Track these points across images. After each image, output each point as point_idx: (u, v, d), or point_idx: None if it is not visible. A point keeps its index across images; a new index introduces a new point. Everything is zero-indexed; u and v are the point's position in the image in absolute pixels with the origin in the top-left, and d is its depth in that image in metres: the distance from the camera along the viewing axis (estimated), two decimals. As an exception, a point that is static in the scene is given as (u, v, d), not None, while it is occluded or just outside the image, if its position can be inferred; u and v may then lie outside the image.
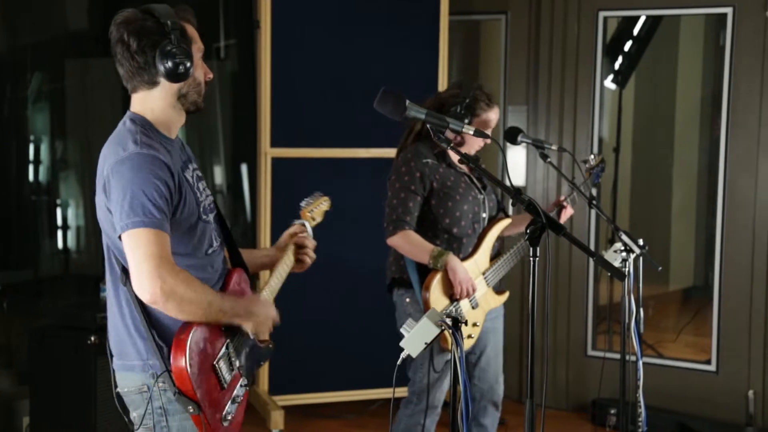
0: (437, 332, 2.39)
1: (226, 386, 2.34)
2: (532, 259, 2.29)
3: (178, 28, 2.29)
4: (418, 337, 2.39)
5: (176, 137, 2.44)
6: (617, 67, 5.99)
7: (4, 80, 5.05)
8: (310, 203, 2.81)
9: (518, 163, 5.40)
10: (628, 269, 3.40)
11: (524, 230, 2.34)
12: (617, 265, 3.38)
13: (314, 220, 2.78)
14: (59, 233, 5.40)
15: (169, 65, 2.27)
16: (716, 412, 4.96)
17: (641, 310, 3.44)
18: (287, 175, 4.87)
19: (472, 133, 2.47)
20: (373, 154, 4.97)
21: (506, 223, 3.67)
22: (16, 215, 5.18)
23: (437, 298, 3.46)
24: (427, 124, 2.45)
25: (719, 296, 5.00)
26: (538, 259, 2.32)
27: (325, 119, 4.94)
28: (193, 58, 2.31)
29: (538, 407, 2.29)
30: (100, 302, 4.04)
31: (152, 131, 2.33)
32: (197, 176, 2.42)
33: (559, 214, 3.70)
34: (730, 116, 4.93)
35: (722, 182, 4.97)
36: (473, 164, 2.44)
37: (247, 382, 2.44)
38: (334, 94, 4.93)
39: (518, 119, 5.38)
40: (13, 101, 5.08)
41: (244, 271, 2.53)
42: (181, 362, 2.22)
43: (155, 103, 2.35)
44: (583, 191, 3.55)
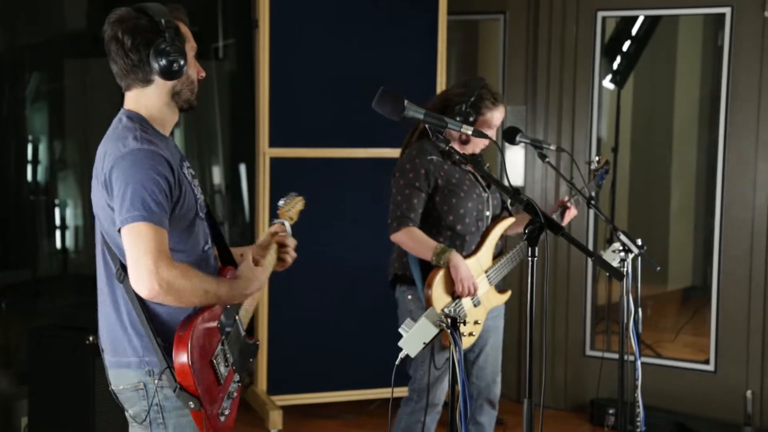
0: (436, 332, 2.40)
1: (222, 382, 2.37)
2: (530, 259, 2.29)
3: (172, 26, 2.32)
4: (416, 336, 2.40)
5: (170, 135, 2.46)
6: (616, 67, 5.99)
7: (2, 80, 5.05)
8: (287, 203, 2.83)
9: (517, 163, 5.41)
10: (626, 269, 3.40)
11: (523, 230, 2.34)
12: (616, 265, 3.39)
13: (292, 219, 2.81)
14: (58, 233, 5.40)
15: (163, 63, 2.30)
16: (714, 412, 4.96)
17: (640, 310, 3.45)
18: (286, 175, 4.87)
19: (470, 133, 2.47)
20: (371, 154, 4.97)
21: (510, 221, 3.67)
22: (14, 215, 5.18)
23: (439, 295, 3.46)
24: (426, 124, 2.45)
25: (718, 296, 5.00)
26: (536, 259, 2.33)
27: (323, 119, 4.94)
28: (186, 56, 2.34)
29: (536, 407, 2.29)
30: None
31: (149, 128, 2.36)
32: (191, 174, 2.44)
33: (562, 214, 3.70)
34: (728, 116, 4.93)
35: (721, 182, 4.98)
36: (472, 164, 2.44)
37: (239, 378, 2.47)
38: (332, 94, 4.93)
39: (517, 119, 5.38)
40: (11, 101, 5.07)
41: (234, 269, 2.55)
42: (183, 358, 2.25)
43: (150, 100, 2.37)
44: (581, 191, 3.55)
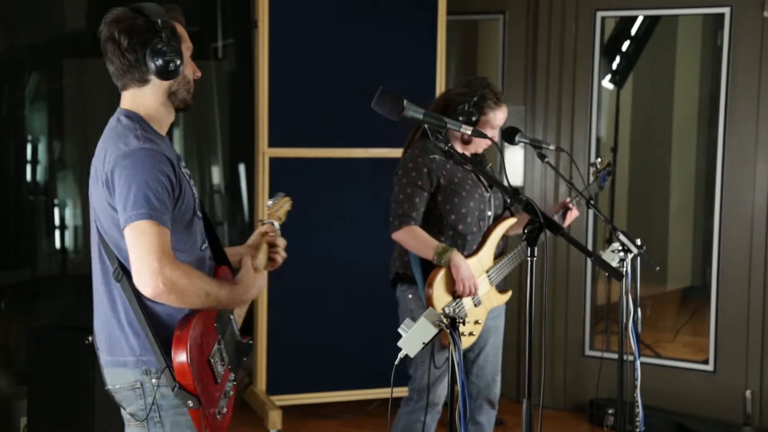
0: (435, 332, 2.39)
1: (219, 381, 2.38)
2: (529, 259, 2.29)
3: (168, 26, 2.33)
4: (415, 336, 2.40)
5: (166, 135, 2.47)
6: (615, 67, 5.99)
7: (1, 80, 5.05)
8: (275, 203, 2.84)
9: (516, 163, 5.41)
10: (625, 269, 3.40)
11: (522, 230, 2.34)
12: (615, 265, 3.39)
13: (280, 219, 2.82)
14: (57, 233, 5.40)
15: (159, 63, 2.31)
16: (714, 411, 4.96)
17: (639, 310, 3.45)
18: (285, 175, 4.87)
19: (469, 133, 2.47)
20: (371, 154, 4.97)
21: (511, 222, 3.66)
22: (13, 215, 5.18)
23: (440, 294, 3.46)
24: (425, 124, 2.45)
25: (717, 296, 5.00)
26: (536, 259, 2.33)
27: (322, 119, 4.93)
28: (182, 56, 2.35)
29: (535, 407, 2.29)
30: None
31: (148, 127, 2.37)
32: (188, 173, 2.46)
33: (564, 215, 3.70)
34: (727, 116, 4.93)
35: (720, 182, 4.98)
36: (471, 164, 2.44)
37: (234, 377, 2.48)
38: (331, 93, 4.93)
39: (516, 119, 5.38)
40: (10, 101, 5.07)
41: (228, 269, 2.56)
42: (183, 357, 2.26)
43: (146, 100, 2.39)
44: (581, 191, 3.55)
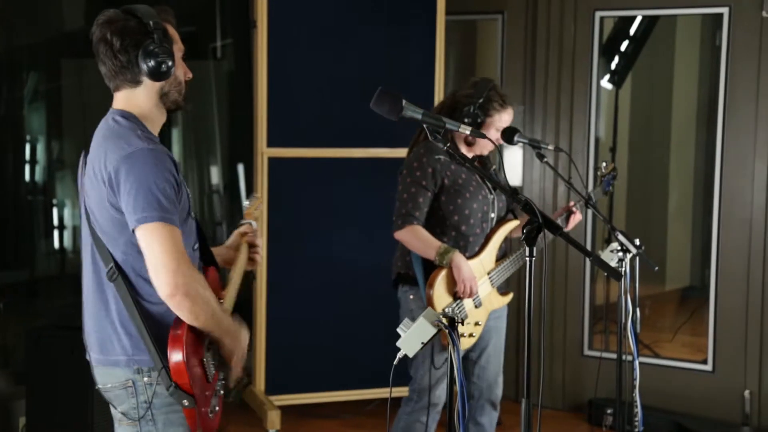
0: (434, 332, 2.39)
1: (210, 380, 2.40)
2: (528, 259, 2.29)
3: (160, 28, 2.35)
4: (414, 336, 2.40)
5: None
6: (614, 66, 5.99)
7: (0, 80, 5.04)
8: (252, 203, 2.85)
9: (515, 162, 5.41)
10: (624, 269, 3.40)
11: (521, 230, 2.34)
12: (614, 265, 3.39)
13: (257, 219, 2.82)
14: (55, 233, 5.40)
15: (151, 64, 2.33)
16: (712, 411, 4.96)
17: (638, 309, 3.45)
18: (284, 175, 4.87)
19: (468, 133, 2.47)
20: (369, 154, 4.97)
21: (514, 224, 3.66)
22: (12, 215, 5.18)
23: (440, 295, 3.46)
24: (424, 124, 2.45)
25: (715, 296, 5.00)
26: (535, 259, 2.33)
27: (321, 119, 4.93)
28: (174, 57, 2.37)
29: (534, 407, 2.29)
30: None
31: (144, 128, 2.39)
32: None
33: (567, 219, 3.70)
34: (726, 116, 4.93)
35: (718, 182, 4.98)
36: (470, 165, 2.44)
37: (223, 376, 2.49)
38: (330, 93, 4.93)
39: (515, 119, 5.36)
40: (9, 101, 5.07)
41: (215, 269, 2.56)
42: (179, 357, 2.27)
43: (140, 101, 2.40)
44: (580, 192, 3.55)
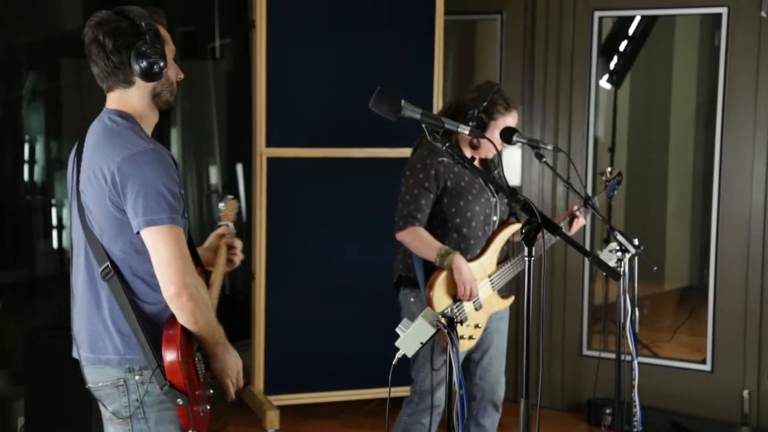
0: (433, 332, 2.39)
1: (201, 379, 2.41)
2: (527, 258, 2.29)
3: (152, 29, 2.37)
4: (413, 336, 2.40)
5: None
6: (612, 67, 5.99)
7: (-1, 80, 5.04)
8: (227, 205, 2.86)
9: (514, 162, 5.41)
10: (623, 269, 3.40)
11: (520, 230, 2.34)
12: (612, 264, 3.39)
13: (233, 221, 2.83)
14: (54, 233, 5.39)
15: (144, 65, 2.35)
16: (711, 411, 4.97)
17: (636, 309, 3.45)
18: (283, 175, 4.87)
19: (467, 133, 2.47)
20: (368, 153, 4.97)
21: (516, 227, 3.66)
22: (11, 215, 5.17)
23: (440, 296, 3.46)
24: (423, 124, 2.45)
25: (714, 296, 5.00)
26: (534, 258, 2.33)
27: (320, 119, 4.93)
28: (166, 58, 2.39)
29: (533, 407, 2.29)
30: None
31: (140, 128, 2.41)
32: None
33: (570, 223, 3.71)
34: (725, 116, 4.93)
35: (717, 182, 4.98)
36: (469, 164, 2.44)
37: (213, 375, 2.51)
38: (329, 93, 4.93)
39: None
40: (8, 101, 5.07)
41: (201, 269, 2.57)
42: (174, 356, 2.30)
43: (133, 101, 2.42)
44: (578, 191, 3.55)
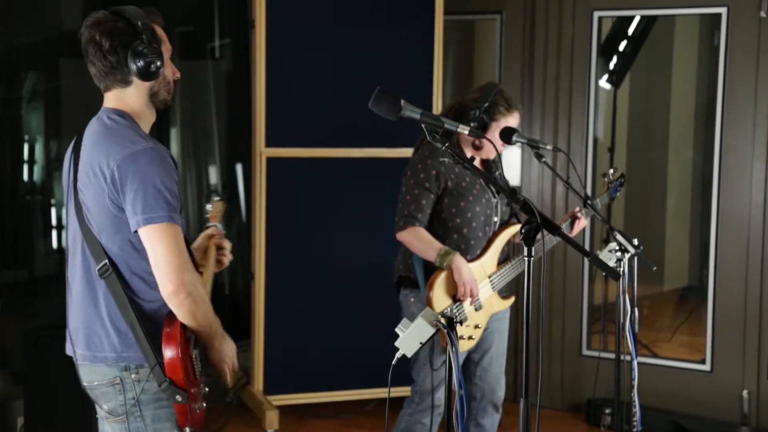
0: (432, 332, 2.39)
1: (197, 377, 2.43)
2: (526, 258, 2.29)
3: (148, 28, 2.39)
4: (413, 336, 2.40)
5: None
6: (612, 66, 6.00)
7: (-2, 80, 5.04)
8: (214, 206, 2.88)
9: (513, 162, 5.41)
10: (622, 269, 3.40)
11: (519, 230, 2.34)
12: (612, 264, 3.39)
13: (221, 222, 2.84)
14: (54, 233, 5.39)
15: (141, 64, 2.37)
16: (711, 411, 4.97)
17: (636, 309, 3.45)
18: (282, 175, 4.87)
19: (466, 133, 2.47)
20: (368, 153, 4.97)
21: (517, 228, 3.65)
22: (10, 215, 5.17)
23: (440, 296, 3.46)
24: (422, 124, 2.45)
25: (714, 296, 5.01)
26: (533, 258, 2.33)
27: (320, 119, 4.93)
28: (163, 57, 2.41)
29: (532, 407, 2.29)
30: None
31: (139, 127, 2.42)
32: None
33: (572, 225, 3.71)
34: (724, 116, 4.93)
35: (717, 182, 4.98)
36: (468, 164, 2.44)
37: (209, 373, 2.52)
38: (329, 93, 4.93)
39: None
40: (7, 101, 5.07)
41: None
42: (174, 353, 2.31)
43: (131, 100, 2.44)
44: (578, 191, 3.55)
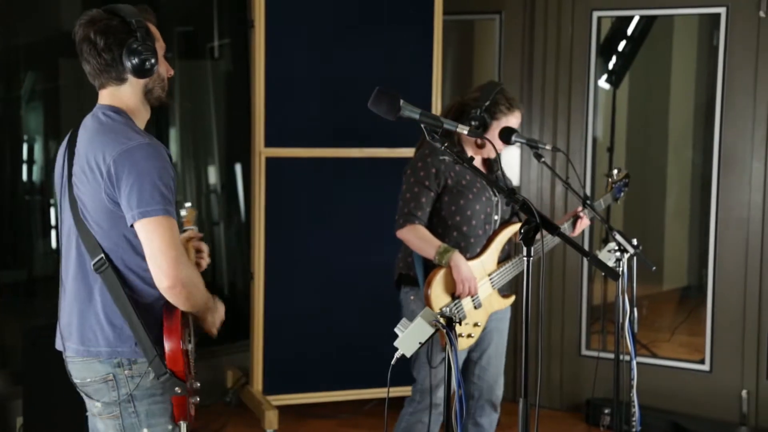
0: (431, 332, 2.39)
1: (192, 371, 2.45)
2: (526, 258, 2.29)
3: (143, 26, 2.41)
4: (412, 336, 2.40)
5: None
6: (611, 66, 6.00)
7: (-3, 80, 5.04)
8: (188, 211, 2.89)
9: (512, 162, 5.41)
10: (621, 269, 3.40)
11: (519, 230, 2.34)
12: (611, 264, 3.39)
13: (195, 226, 2.86)
14: (53, 233, 5.39)
15: (135, 62, 2.39)
16: (710, 411, 4.97)
17: (635, 309, 3.45)
18: (282, 174, 4.87)
19: (466, 133, 2.47)
20: (367, 153, 4.97)
21: (517, 227, 3.65)
22: (9, 215, 5.17)
23: (438, 294, 3.46)
24: (421, 123, 2.45)
25: (713, 296, 5.01)
26: (532, 258, 2.33)
27: (319, 119, 4.93)
28: (157, 54, 2.43)
29: (532, 407, 2.29)
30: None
31: (135, 124, 2.44)
32: None
33: (574, 224, 3.71)
34: (723, 116, 4.94)
35: (716, 182, 4.98)
36: (467, 164, 2.44)
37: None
38: (328, 93, 4.93)
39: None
40: (6, 101, 5.06)
41: None
42: (176, 344, 2.33)
43: (126, 97, 2.46)
44: (577, 191, 3.55)
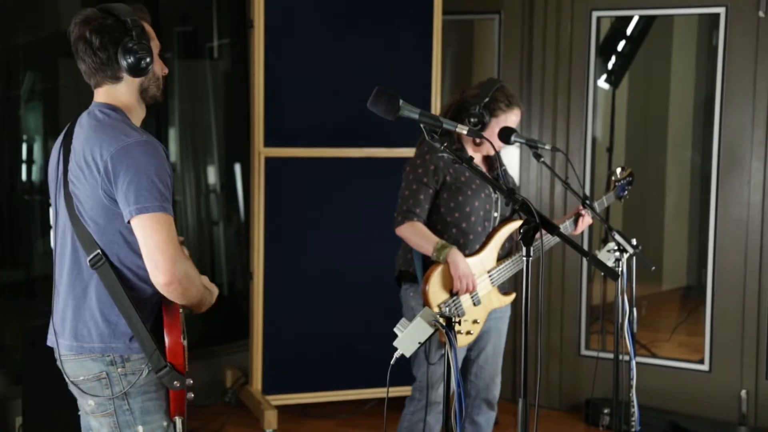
0: (431, 332, 2.39)
1: (186, 368, 2.45)
2: (525, 258, 2.29)
3: (138, 25, 2.41)
4: (411, 336, 2.40)
5: None
6: (610, 66, 6.00)
7: (-3, 79, 5.04)
8: None
9: (512, 162, 5.41)
10: (621, 269, 3.40)
11: (518, 230, 2.34)
12: (610, 264, 3.39)
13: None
14: (52, 233, 5.39)
15: (131, 60, 2.40)
16: (709, 411, 4.97)
17: (634, 309, 3.45)
18: (281, 174, 4.87)
19: (465, 132, 2.48)
20: (366, 153, 4.97)
21: (517, 224, 3.66)
22: (9, 215, 5.16)
23: (436, 291, 3.46)
24: (421, 123, 2.45)
25: (712, 296, 5.01)
26: (532, 258, 2.33)
27: (318, 119, 4.93)
28: (153, 53, 2.44)
29: (531, 407, 2.29)
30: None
31: (131, 121, 2.45)
32: None
33: (575, 222, 3.71)
34: (722, 116, 4.94)
35: (715, 182, 4.98)
36: (467, 163, 2.44)
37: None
38: (327, 93, 4.93)
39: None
40: (6, 101, 5.06)
41: None
42: (177, 338, 2.36)
43: (122, 96, 2.47)
44: (576, 191, 3.55)
